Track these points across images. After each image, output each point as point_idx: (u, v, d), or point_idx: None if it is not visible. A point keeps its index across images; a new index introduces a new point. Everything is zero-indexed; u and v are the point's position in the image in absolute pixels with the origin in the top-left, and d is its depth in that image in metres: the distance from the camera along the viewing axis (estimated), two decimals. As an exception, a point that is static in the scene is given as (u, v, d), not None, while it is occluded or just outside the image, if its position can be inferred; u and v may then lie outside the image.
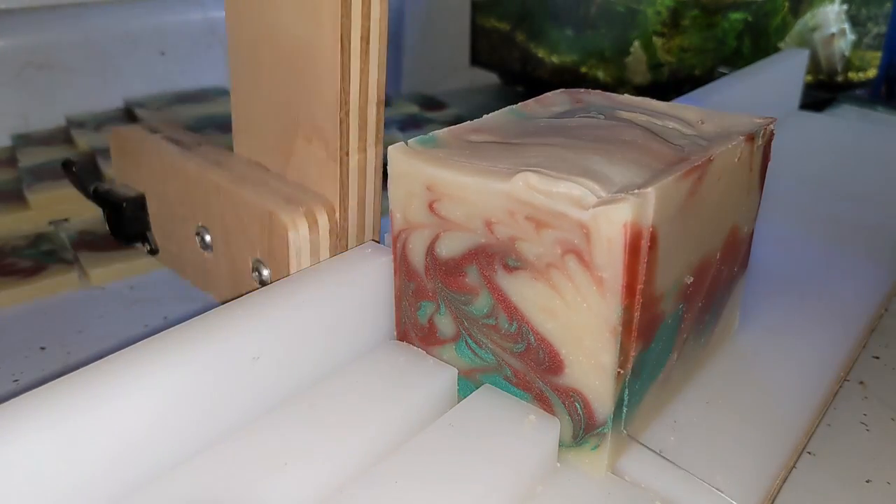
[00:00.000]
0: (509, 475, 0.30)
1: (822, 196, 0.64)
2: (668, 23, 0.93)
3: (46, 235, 0.60)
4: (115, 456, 0.28)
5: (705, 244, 0.34)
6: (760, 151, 0.38)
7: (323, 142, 0.38)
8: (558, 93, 0.43)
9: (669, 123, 0.37)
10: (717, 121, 0.38)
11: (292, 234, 0.37)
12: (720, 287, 0.38)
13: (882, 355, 0.45)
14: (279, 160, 0.41)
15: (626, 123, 0.36)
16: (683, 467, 0.33)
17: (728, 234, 0.37)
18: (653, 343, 0.32)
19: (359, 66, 0.36)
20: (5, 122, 0.77)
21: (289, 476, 0.29)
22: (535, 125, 0.37)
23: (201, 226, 0.43)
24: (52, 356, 0.46)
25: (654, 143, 0.34)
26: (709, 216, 0.34)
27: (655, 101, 0.41)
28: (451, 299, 0.34)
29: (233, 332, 0.31)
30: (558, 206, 0.29)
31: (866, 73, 0.97)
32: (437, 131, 0.35)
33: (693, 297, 0.35)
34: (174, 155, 0.44)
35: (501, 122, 0.38)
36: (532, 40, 1.09)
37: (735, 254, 0.38)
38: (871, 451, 0.36)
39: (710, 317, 0.38)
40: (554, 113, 0.40)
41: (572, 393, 0.32)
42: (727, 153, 0.34)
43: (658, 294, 0.31)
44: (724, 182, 0.34)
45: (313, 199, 0.39)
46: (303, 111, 0.38)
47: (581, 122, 0.37)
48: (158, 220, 0.48)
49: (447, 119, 0.89)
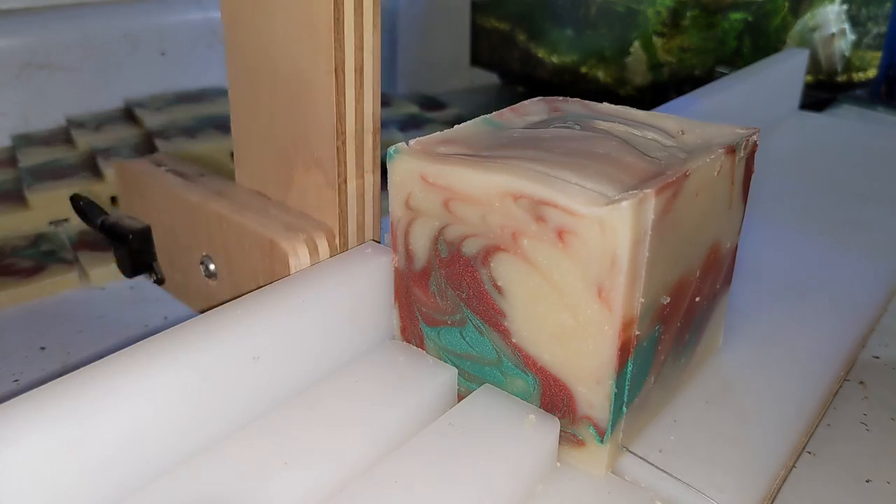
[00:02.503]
0: (509, 475, 0.30)
1: (823, 196, 0.64)
2: (668, 23, 0.93)
3: (46, 235, 0.60)
4: (115, 456, 0.28)
5: (683, 262, 0.33)
6: (743, 164, 0.36)
7: (321, 170, 0.39)
8: (535, 101, 0.41)
9: (649, 134, 0.36)
10: (698, 131, 0.37)
11: (293, 260, 0.38)
12: (701, 305, 0.36)
13: (882, 355, 0.45)
14: (279, 189, 0.42)
15: (602, 135, 0.35)
16: (683, 467, 0.33)
17: (708, 250, 0.35)
18: (627, 367, 0.31)
19: (353, 95, 0.37)
20: (5, 122, 0.77)
21: (289, 476, 0.29)
22: (508, 136, 0.36)
23: (205, 255, 0.44)
24: (53, 356, 0.46)
25: (628, 157, 0.32)
26: (686, 233, 0.32)
27: (635, 111, 0.40)
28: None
29: (233, 332, 0.31)
30: None
31: (866, 73, 0.97)
32: (404, 143, 0.35)
33: (671, 318, 0.33)
34: (178, 187, 0.46)
35: (473, 132, 0.37)
36: (532, 40, 1.09)
37: (717, 271, 0.37)
38: (871, 451, 0.36)
39: (690, 336, 0.36)
40: (529, 123, 0.38)
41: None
42: (705, 167, 0.32)
43: (631, 316, 0.30)
44: (702, 197, 0.32)
45: (313, 225, 0.40)
46: (301, 140, 0.39)
47: (555, 132, 0.36)
48: (164, 251, 0.49)
49: (447, 119, 0.89)
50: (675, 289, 0.33)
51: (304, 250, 0.38)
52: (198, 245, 0.45)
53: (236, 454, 0.30)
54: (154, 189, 0.47)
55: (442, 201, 0.33)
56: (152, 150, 0.69)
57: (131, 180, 0.49)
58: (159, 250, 0.50)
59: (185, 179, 0.46)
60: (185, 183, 0.46)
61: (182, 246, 0.46)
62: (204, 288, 0.46)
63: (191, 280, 0.47)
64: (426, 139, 0.36)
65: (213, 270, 0.44)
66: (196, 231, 0.44)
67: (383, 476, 0.29)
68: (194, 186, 0.45)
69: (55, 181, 0.65)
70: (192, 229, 0.45)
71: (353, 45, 0.37)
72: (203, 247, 0.44)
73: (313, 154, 0.39)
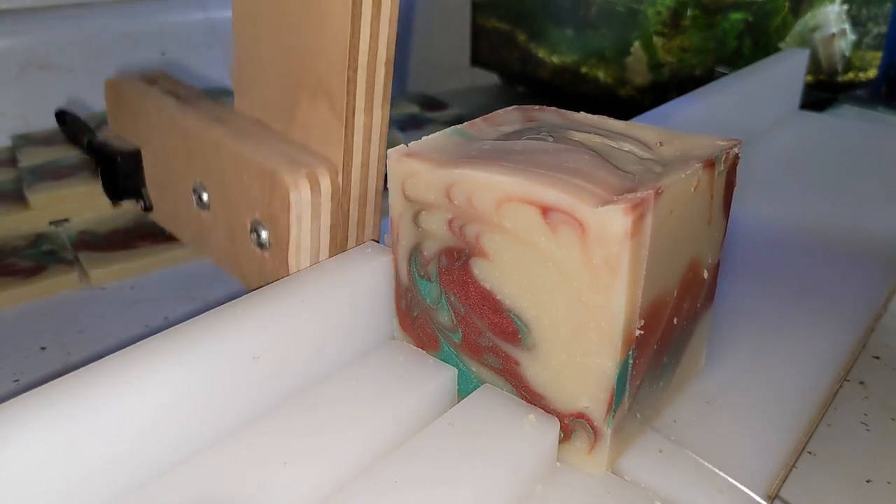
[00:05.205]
0: (509, 474, 0.30)
1: (823, 196, 0.64)
2: (668, 23, 0.93)
3: (47, 235, 0.60)
4: (115, 456, 0.28)
5: (657, 284, 0.31)
6: (723, 178, 0.34)
7: (328, 100, 0.36)
8: (510, 110, 0.40)
9: (625, 146, 0.35)
10: (677, 143, 0.35)
11: (294, 195, 0.35)
12: (680, 327, 0.34)
13: (882, 355, 0.45)
14: (282, 118, 0.40)
15: (575, 147, 0.34)
16: (683, 467, 0.33)
17: (686, 269, 0.33)
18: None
19: (370, 21, 0.34)
20: (6, 123, 0.77)
21: (288, 476, 0.29)
22: (477, 148, 0.34)
23: (199, 183, 0.41)
24: (53, 356, 0.46)
25: (600, 172, 0.31)
26: (660, 254, 0.30)
27: (613, 121, 0.38)
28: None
29: (233, 331, 0.31)
30: None
31: (867, 74, 0.97)
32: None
33: (646, 342, 0.31)
34: (172, 109, 0.42)
35: (442, 143, 0.35)
36: (532, 40, 1.09)
37: (697, 289, 0.35)
38: (872, 451, 0.36)
39: (669, 359, 0.35)
40: (501, 133, 0.37)
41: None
42: (680, 183, 0.30)
43: None
44: (677, 215, 0.31)
45: (316, 160, 0.37)
46: (309, 66, 0.37)
47: (526, 145, 0.34)
48: (154, 177, 0.46)
49: (448, 119, 0.89)
50: (650, 311, 0.31)
51: (306, 186, 0.36)
52: (191, 173, 0.42)
53: (236, 454, 0.30)
54: (147, 110, 0.44)
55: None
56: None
57: (122, 99, 0.46)
58: (149, 176, 0.46)
59: (180, 101, 0.43)
60: (180, 105, 0.43)
61: (174, 173, 0.43)
62: (194, 219, 0.43)
63: (180, 210, 0.44)
64: (397, 150, 0.34)
65: (206, 201, 0.41)
66: (190, 158, 0.41)
67: (383, 476, 0.29)
68: (190, 110, 0.42)
69: (55, 181, 0.64)
70: (186, 155, 0.41)
71: None
72: (197, 175, 0.41)
73: (321, 82, 0.36)
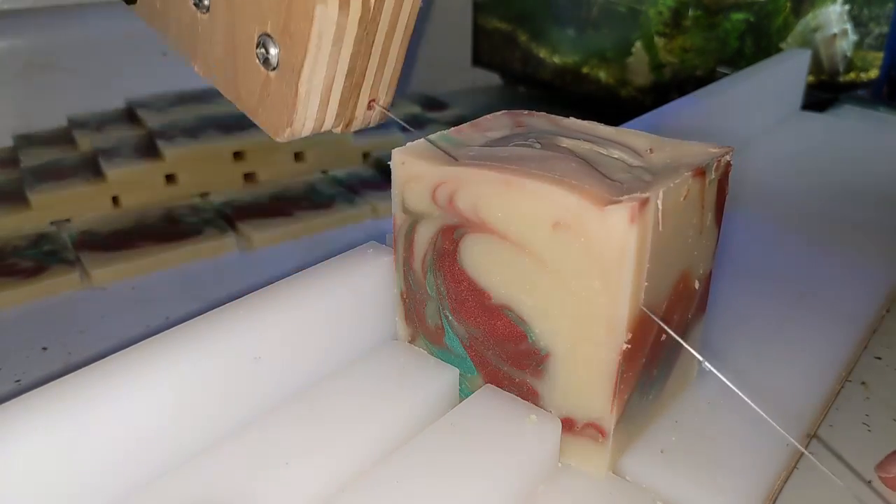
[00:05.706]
0: (510, 475, 0.30)
1: (823, 196, 0.64)
2: (669, 23, 0.93)
3: (48, 236, 0.60)
4: (117, 456, 0.28)
5: (646, 296, 0.30)
6: (714, 186, 0.33)
7: None
8: (499, 115, 0.39)
9: (615, 152, 0.34)
10: (668, 150, 0.34)
11: (320, 8, 0.30)
12: (670, 338, 0.33)
13: (884, 356, 0.45)
14: None
15: (563, 155, 0.33)
16: (685, 467, 0.33)
17: (677, 280, 0.33)
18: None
19: None
20: (7, 123, 0.77)
21: (290, 476, 0.29)
22: (463, 155, 0.34)
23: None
24: (54, 356, 0.46)
25: (587, 180, 0.30)
26: (648, 266, 0.30)
27: (602, 127, 0.37)
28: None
29: (234, 332, 0.31)
30: None
31: (868, 74, 0.97)
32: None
33: (634, 355, 0.31)
34: None
35: (427, 149, 0.34)
36: (534, 41, 1.09)
37: (688, 300, 0.34)
38: (873, 452, 0.36)
39: (659, 371, 0.34)
40: (489, 140, 0.36)
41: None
42: (669, 193, 0.30)
43: None
44: (666, 225, 0.30)
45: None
46: None
47: (512, 152, 0.33)
48: None
49: (449, 119, 0.89)
50: (637, 324, 0.30)
51: (335, 1, 0.30)
52: None
53: (238, 454, 0.30)
54: None
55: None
56: (154, 151, 0.69)
57: None
58: None
59: None
60: None
61: None
62: (189, 20, 0.36)
63: (172, 7, 0.37)
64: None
65: (206, 3, 0.35)
66: None
67: (384, 476, 0.29)
68: None
69: (57, 181, 0.65)
70: None
71: None
72: None
73: None
